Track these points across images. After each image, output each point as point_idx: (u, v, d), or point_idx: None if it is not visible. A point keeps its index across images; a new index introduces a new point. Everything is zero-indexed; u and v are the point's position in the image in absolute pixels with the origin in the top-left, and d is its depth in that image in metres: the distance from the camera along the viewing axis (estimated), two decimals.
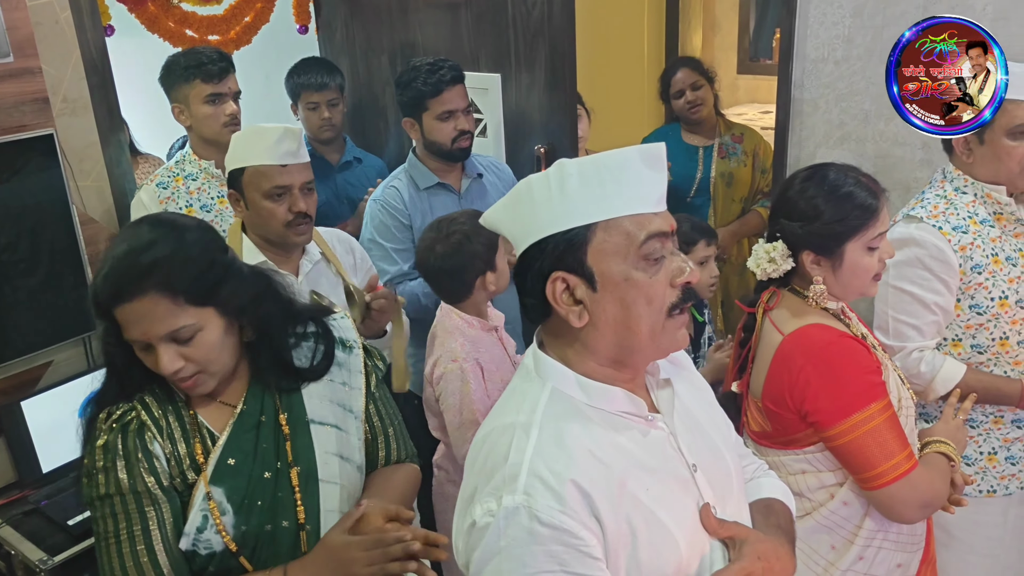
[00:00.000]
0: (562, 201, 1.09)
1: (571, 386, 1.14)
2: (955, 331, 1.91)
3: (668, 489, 1.12)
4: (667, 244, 1.12)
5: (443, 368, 2.09)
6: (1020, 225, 1.90)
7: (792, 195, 1.65)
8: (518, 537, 1.03)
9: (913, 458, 1.57)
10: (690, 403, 1.25)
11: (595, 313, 1.11)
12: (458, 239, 2.10)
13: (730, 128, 3.24)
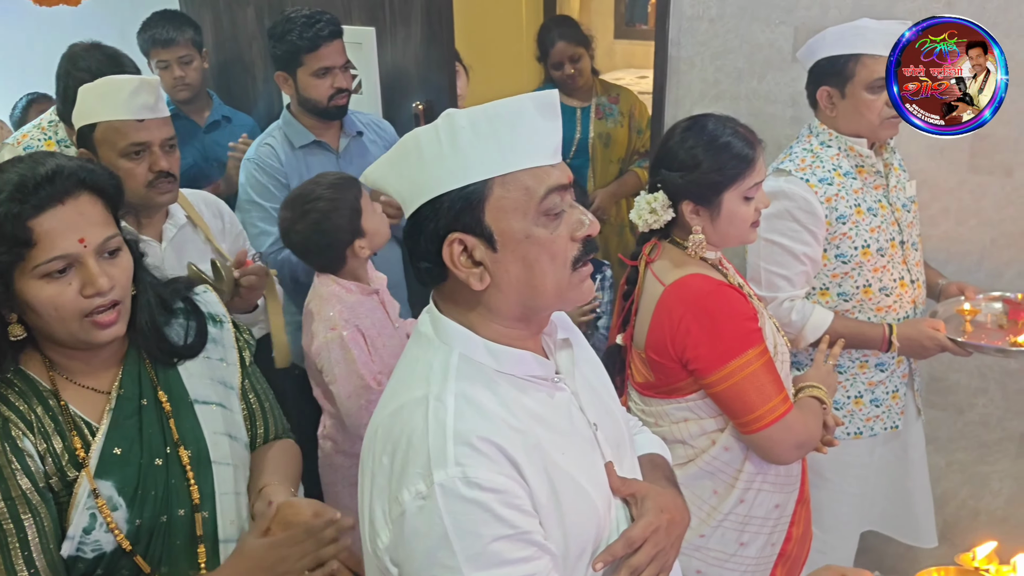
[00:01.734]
0: (454, 156, 1.03)
1: (479, 352, 1.08)
2: (822, 280, 1.99)
3: (580, 450, 1.11)
4: (566, 197, 1.08)
5: (322, 338, 2.01)
6: (879, 177, 1.99)
7: (672, 145, 1.66)
8: (462, 510, 0.97)
9: (788, 401, 1.62)
10: (584, 365, 1.23)
11: (497, 274, 1.06)
12: (316, 217, 2.01)
13: (607, 89, 3.26)
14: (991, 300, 2.07)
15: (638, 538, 1.11)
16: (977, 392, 2.48)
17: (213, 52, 3.18)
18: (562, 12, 4.54)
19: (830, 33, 1.94)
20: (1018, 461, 2.48)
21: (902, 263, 2.00)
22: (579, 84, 3.16)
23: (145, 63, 2.90)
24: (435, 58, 2.81)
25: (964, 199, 2.33)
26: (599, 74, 3.29)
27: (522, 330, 1.11)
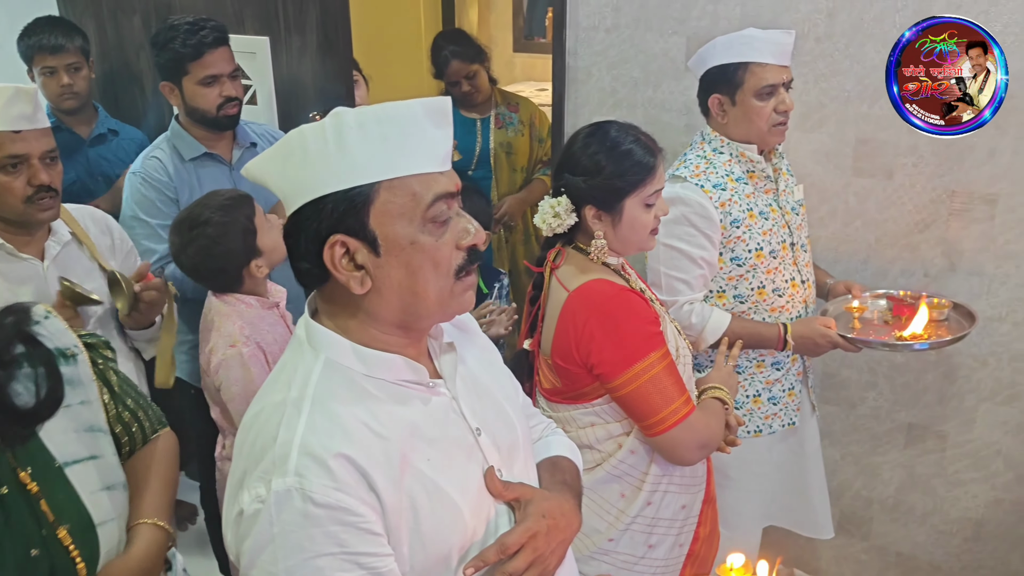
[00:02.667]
0: (341, 156, 1.01)
1: (347, 356, 1.07)
2: (719, 283, 2.04)
3: (450, 457, 1.10)
4: (453, 205, 1.08)
5: (221, 355, 1.94)
6: (769, 181, 2.06)
7: (575, 151, 1.67)
8: (292, 521, 0.96)
9: (691, 403, 1.65)
10: (475, 366, 1.23)
11: (379, 279, 1.05)
12: (205, 243, 1.93)
13: (506, 99, 3.27)
14: (877, 297, 2.17)
15: (513, 544, 1.11)
16: (867, 386, 2.59)
17: (98, 62, 3.05)
18: (460, 25, 4.54)
19: (719, 42, 2.00)
20: (906, 451, 2.60)
21: (793, 264, 2.07)
22: (477, 100, 3.16)
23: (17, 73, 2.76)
24: (332, 68, 2.76)
25: (849, 201, 2.44)
26: (497, 83, 3.31)
27: (401, 337, 1.10)
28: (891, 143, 2.34)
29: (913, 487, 2.63)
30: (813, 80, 2.38)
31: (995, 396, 2.43)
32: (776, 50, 1.94)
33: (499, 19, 5.53)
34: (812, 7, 2.33)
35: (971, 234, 2.32)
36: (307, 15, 2.74)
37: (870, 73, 2.31)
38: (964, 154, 2.26)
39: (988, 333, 2.38)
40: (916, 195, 2.36)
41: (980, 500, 2.55)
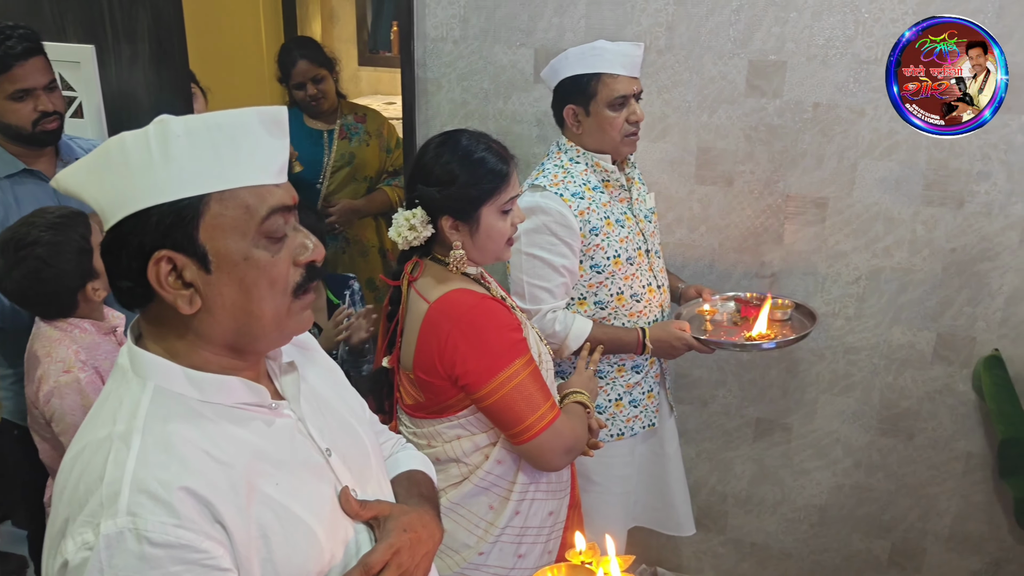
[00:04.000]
0: (166, 166, 0.93)
1: (178, 382, 0.99)
2: (580, 290, 2.06)
3: (301, 480, 1.04)
4: (290, 219, 1.02)
5: (53, 382, 1.78)
6: (623, 190, 2.11)
7: (427, 161, 1.64)
8: (127, 566, 0.87)
9: (556, 408, 1.65)
10: (319, 385, 1.17)
11: (209, 297, 0.97)
12: (35, 264, 1.77)
13: (353, 109, 3.20)
14: (725, 300, 2.26)
15: (376, 562, 1.07)
16: (717, 385, 2.70)
17: None
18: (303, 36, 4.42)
19: (571, 54, 2.03)
20: (756, 444, 2.73)
21: (649, 270, 2.12)
22: (323, 107, 3.07)
23: None
24: (167, 79, 2.61)
25: (694, 208, 2.54)
26: (344, 97, 3.23)
27: (236, 360, 1.03)
28: (730, 151, 2.45)
29: (763, 479, 2.76)
30: (656, 91, 2.46)
31: (832, 387, 2.59)
32: (626, 62, 1.99)
33: (343, 32, 5.43)
34: (653, 21, 2.41)
35: (805, 236, 2.47)
36: (137, 23, 2.57)
37: (708, 84, 2.42)
38: (796, 160, 2.40)
39: (823, 328, 2.53)
40: (754, 201, 2.48)
41: (823, 487, 2.71)
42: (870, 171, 2.36)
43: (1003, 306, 2.35)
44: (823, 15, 2.28)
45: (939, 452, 2.55)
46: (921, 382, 2.49)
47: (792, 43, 2.32)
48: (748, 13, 2.33)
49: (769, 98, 2.38)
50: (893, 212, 2.37)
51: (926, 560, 2.67)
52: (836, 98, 2.33)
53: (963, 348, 2.43)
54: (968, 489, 2.56)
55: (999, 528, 2.56)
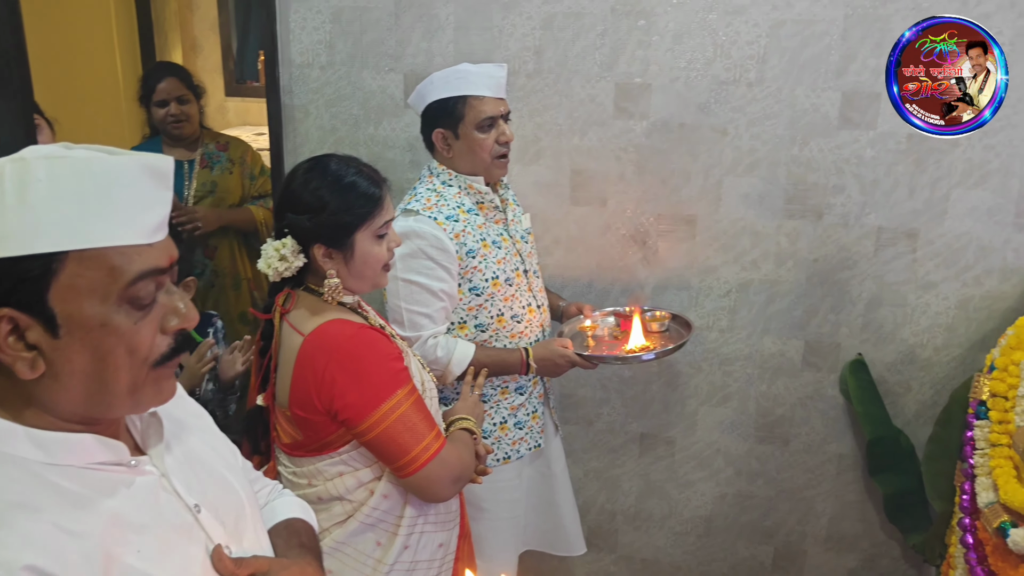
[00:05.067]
0: (20, 214, 0.82)
1: (21, 445, 0.88)
2: (460, 314, 2.04)
3: (167, 543, 0.94)
4: (164, 282, 0.92)
5: None
6: (498, 212, 2.10)
7: (296, 187, 1.58)
8: None
9: (441, 437, 1.61)
10: (184, 435, 1.08)
11: (56, 363, 0.87)
12: None
13: (215, 138, 3.07)
14: (605, 315, 2.29)
15: None
16: (601, 403, 2.72)
17: None
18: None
19: (436, 78, 2.01)
20: (641, 460, 2.76)
21: (528, 290, 2.12)
22: (185, 131, 2.93)
23: None
24: (8, 110, 2.42)
25: (571, 229, 2.56)
26: (208, 128, 3.10)
27: (85, 425, 0.93)
28: (602, 172, 2.50)
29: (650, 494, 2.79)
30: (528, 115, 2.48)
31: (711, 399, 2.65)
32: (491, 83, 2.00)
33: (207, 62, 5.25)
34: (521, 45, 2.43)
35: (677, 253, 2.53)
36: None
37: (578, 107, 2.45)
38: (666, 180, 2.47)
39: (700, 341, 2.59)
40: (628, 220, 2.53)
41: (707, 497, 2.76)
42: (734, 188, 2.44)
43: (863, 312, 2.48)
44: (683, 38, 2.36)
45: (813, 455, 2.65)
46: (793, 389, 2.59)
47: (656, 66, 2.39)
48: (613, 37, 2.39)
49: (637, 119, 2.44)
50: (758, 226, 2.46)
51: (807, 562, 2.76)
52: (699, 118, 2.41)
53: (829, 354, 2.54)
54: (841, 489, 2.66)
55: (872, 525, 2.68)
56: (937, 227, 2.37)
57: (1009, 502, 1.78)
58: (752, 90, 2.36)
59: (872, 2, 2.24)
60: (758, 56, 2.33)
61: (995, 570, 1.82)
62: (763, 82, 2.35)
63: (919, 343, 2.47)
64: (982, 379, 2.05)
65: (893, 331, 2.48)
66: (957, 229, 2.36)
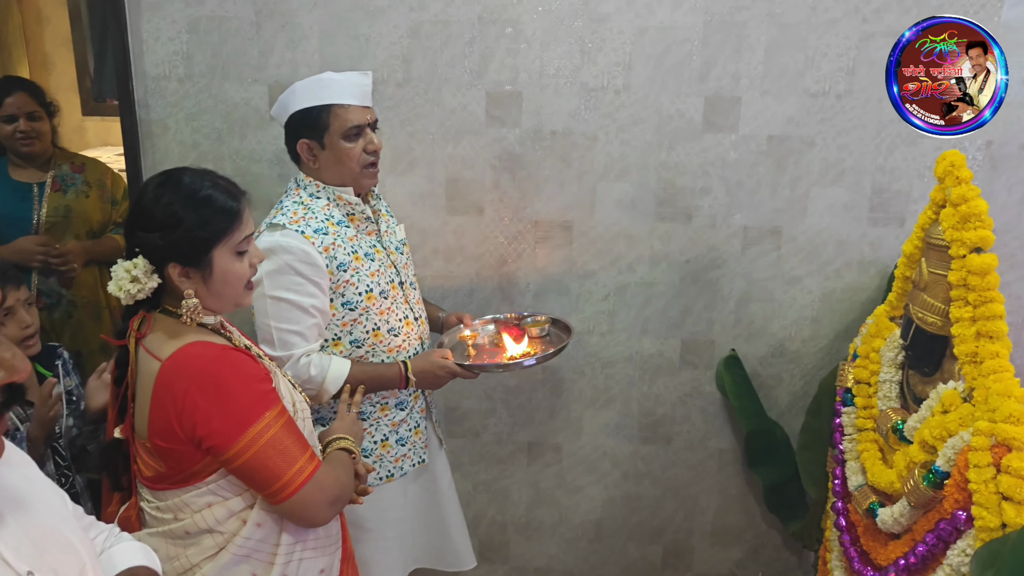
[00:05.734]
0: None
1: None
2: (333, 330, 1.97)
3: None
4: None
5: None
6: (371, 223, 2.04)
7: (147, 204, 1.49)
8: None
9: (316, 458, 1.54)
10: (10, 487, 0.99)
11: None
12: None
13: (69, 159, 2.89)
14: (485, 324, 2.26)
15: None
16: (487, 414, 2.69)
17: None
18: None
19: (298, 87, 1.95)
20: (529, 468, 2.75)
21: (405, 303, 2.07)
22: (36, 149, 2.74)
23: None
24: None
25: (448, 239, 2.53)
26: (62, 148, 2.91)
27: None
28: (477, 181, 2.48)
29: (540, 502, 2.78)
30: (399, 124, 2.44)
31: (595, 402, 2.67)
32: (356, 91, 1.95)
33: (61, 80, 4.95)
34: (388, 53, 2.39)
35: (556, 259, 2.54)
36: None
37: (450, 116, 2.43)
38: (540, 187, 2.47)
39: (582, 346, 2.61)
40: (505, 228, 2.52)
41: (596, 501, 2.77)
42: (608, 193, 2.47)
43: (735, 309, 2.55)
44: (550, 46, 2.37)
45: (695, 452, 2.70)
46: (672, 388, 2.64)
47: (525, 73, 2.39)
48: (481, 45, 2.38)
49: (509, 127, 2.44)
50: (632, 230, 2.50)
51: (695, 557, 2.81)
52: (571, 125, 2.43)
53: (705, 351, 2.60)
54: (724, 484, 2.73)
55: (754, 516, 2.76)
56: (799, 224, 2.46)
57: (876, 483, 1.86)
58: (620, 97, 2.40)
59: (728, 9, 2.31)
60: (624, 63, 2.37)
61: (867, 550, 1.90)
62: (630, 88, 2.39)
63: (788, 336, 2.57)
64: (846, 367, 2.14)
65: (763, 326, 2.56)
66: (817, 225, 2.46)
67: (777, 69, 2.35)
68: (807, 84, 2.35)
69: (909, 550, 1.67)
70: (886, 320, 2.06)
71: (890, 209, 2.43)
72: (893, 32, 2.27)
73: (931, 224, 1.83)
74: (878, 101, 2.34)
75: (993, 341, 1.57)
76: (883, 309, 2.09)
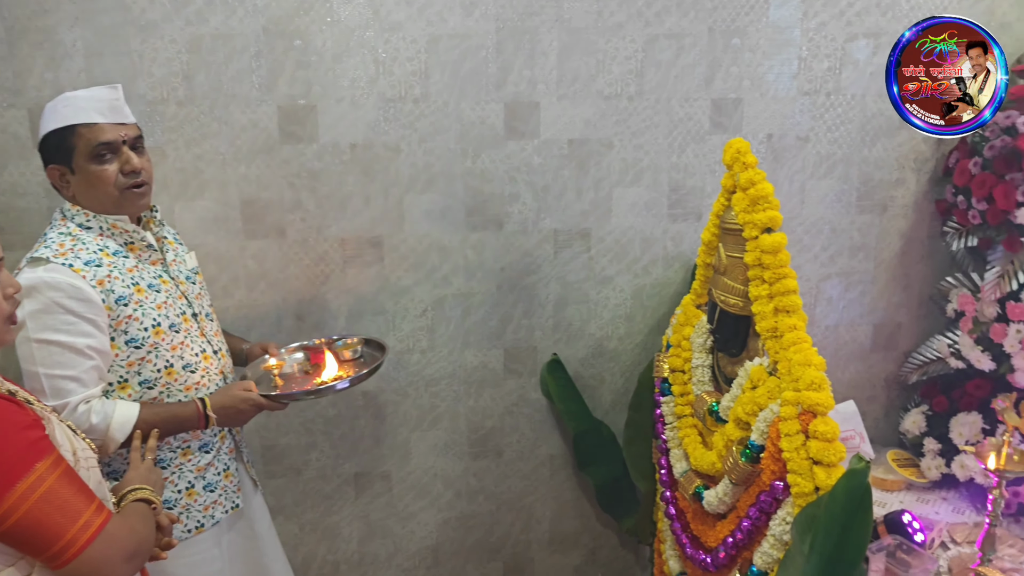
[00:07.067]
0: None
1: None
2: (119, 372, 1.76)
3: None
4: None
5: None
6: (154, 252, 1.86)
7: None
8: None
9: (105, 509, 1.35)
10: None
11: None
12: None
13: None
14: (293, 352, 2.12)
15: None
16: (308, 448, 2.54)
17: None
18: None
19: (46, 109, 1.75)
20: (358, 501, 2.61)
21: (201, 336, 1.90)
22: None
23: None
24: None
25: (249, 265, 2.37)
26: None
27: None
28: (276, 201, 2.34)
29: (372, 535, 2.65)
30: (184, 145, 2.26)
31: (421, 423, 2.58)
32: (103, 107, 1.75)
33: None
34: (166, 70, 2.21)
35: (367, 277, 2.44)
36: None
37: (240, 134, 2.28)
38: (344, 203, 2.37)
39: (403, 366, 2.52)
40: (311, 249, 2.39)
41: (431, 526, 2.68)
42: (416, 205, 2.41)
43: (552, 313, 2.55)
44: (343, 57, 2.28)
45: (527, 462, 2.67)
46: (499, 398, 2.60)
47: (319, 86, 2.29)
48: (269, 58, 2.25)
49: (306, 143, 2.32)
50: (444, 241, 2.45)
51: (535, 569, 2.77)
52: (371, 137, 2.34)
53: (528, 358, 2.58)
54: (557, 490, 2.71)
55: (588, 519, 2.76)
56: (605, 225, 2.50)
57: (699, 467, 1.89)
58: (419, 106, 2.34)
59: (519, 15, 2.32)
60: (420, 72, 2.32)
61: (697, 534, 1.92)
62: (428, 98, 2.34)
63: (605, 335, 2.60)
64: (661, 358, 2.17)
65: (581, 327, 2.57)
66: (623, 225, 2.51)
67: (571, 73, 2.38)
68: (600, 87, 2.40)
69: (735, 527, 1.70)
70: (693, 308, 2.12)
71: (687, 205, 2.52)
72: (675, 34, 2.37)
73: (724, 210, 1.89)
74: (667, 101, 2.43)
75: (790, 315, 1.64)
76: (689, 299, 2.15)
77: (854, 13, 2.42)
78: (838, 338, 2.70)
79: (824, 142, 2.52)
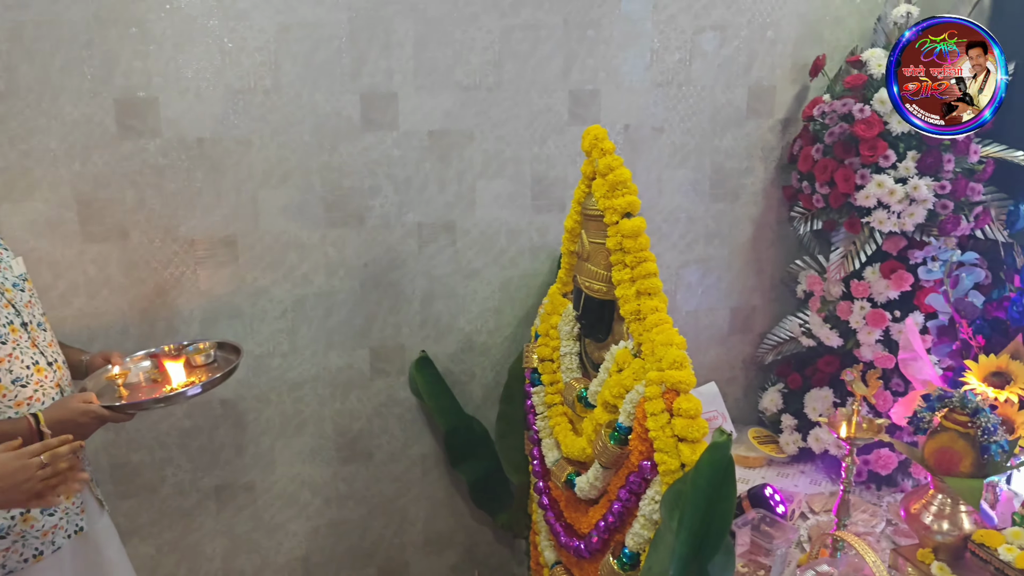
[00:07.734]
0: None
1: None
2: None
3: None
4: None
5: None
6: None
7: None
8: None
9: None
10: None
11: None
12: None
13: None
14: (139, 360, 1.97)
15: None
16: (163, 464, 2.38)
17: None
18: None
19: None
20: (221, 516, 2.47)
21: (32, 347, 1.73)
22: None
23: None
24: None
25: (89, 271, 2.20)
26: None
27: None
28: (116, 200, 2.18)
29: (238, 551, 2.52)
30: (8, 143, 2.08)
31: (285, 430, 2.47)
32: None
33: None
34: None
35: (221, 278, 2.31)
36: None
37: (73, 129, 2.11)
38: (193, 201, 2.23)
39: (263, 371, 2.40)
40: (158, 251, 2.24)
41: (300, 536, 2.57)
42: (271, 201, 2.30)
43: (420, 309, 2.50)
44: (185, 47, 2.15)
45: (398, 463, 2.61)
46: (366, 400, 2.52)
47: (159, 77, 2.15)
48: (102, 48, 2.09)
49: (148, 138, 2.18)
50: (302, 238, 2.35)
51: (411, 571, 2.71)
52: (220, 131, 2.22)
53: (395, 357, 2.52)
54: (430, 490, 2.66)
55: (463, 517, 2.72)
56: (470, 217, 2.48)
57: (570, 454, 1.89)
58: (270, 98, 2.24)
59: (373, 4, 2.26)
60: (270, 62, 2.22)
61: (571, 521, 1.92)
62: (280, 89, 2.24)
63: (474, 330, 2.57)
64: (530, 349, 2.17)
65: (450, 322, 2.54)
66: (488, 217, 2.49)
67: (428, 64, 2.34)
68: (458, 78, 2.37)
69: (607, 511, 1.70)
70: (559, 297, 2.13)
71: (551, 196, 2.53)
72: (530, 25, 2.37)
73: (585, 197, 1.90)
74: (526, 92, 2.42)
75: (651, 297, 1.66)
76: (555, 288, 2.16)
77: (701, 6, 2.50)
78: (698, 323, 2.78)
79: (678, 132, 2.59)
